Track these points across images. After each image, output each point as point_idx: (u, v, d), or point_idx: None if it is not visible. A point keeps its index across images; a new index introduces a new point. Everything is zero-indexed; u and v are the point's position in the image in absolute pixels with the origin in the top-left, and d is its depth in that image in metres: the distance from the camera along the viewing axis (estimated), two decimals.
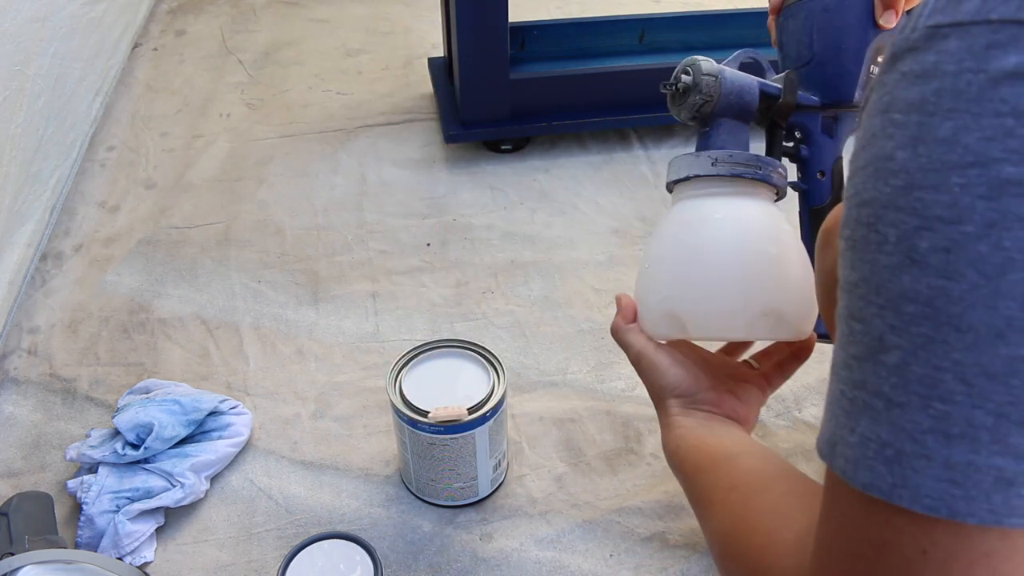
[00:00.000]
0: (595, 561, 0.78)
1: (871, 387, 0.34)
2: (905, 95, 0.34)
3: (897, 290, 0.33)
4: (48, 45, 1.15)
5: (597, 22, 1.42)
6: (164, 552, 0.79)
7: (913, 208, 0.33)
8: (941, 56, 0.33)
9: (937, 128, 0.32)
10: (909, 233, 0.33)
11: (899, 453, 0.33)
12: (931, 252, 0.32)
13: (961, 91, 0.32)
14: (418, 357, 0.81)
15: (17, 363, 0.98)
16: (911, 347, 0.33)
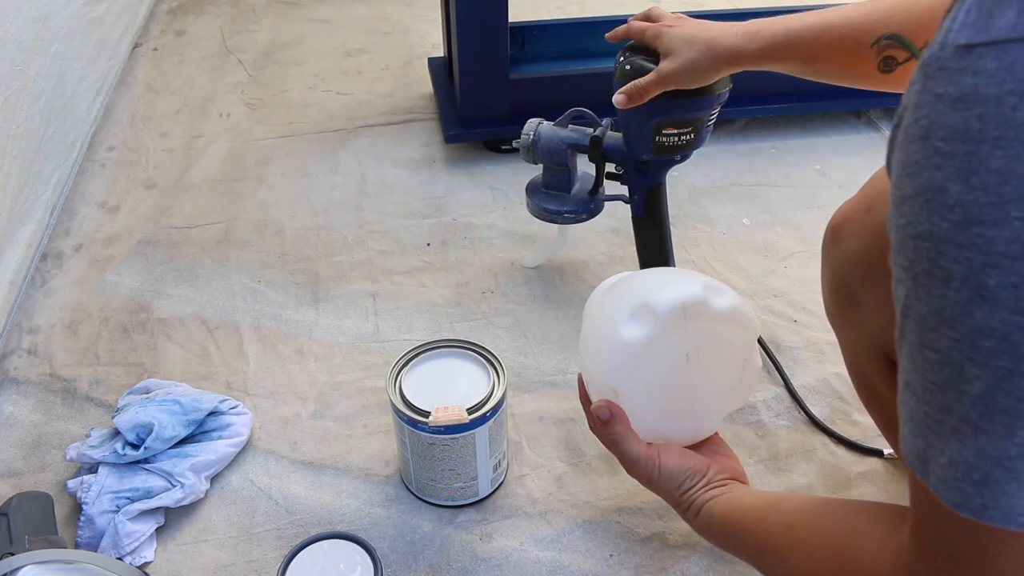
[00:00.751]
0: (595, 561, 0.78)
1: (957, 414, 0.35)
2: (946, 121, 0.33)
3: (972, 326, 0.33)
4: (49, 45, 1.15)
5: (597, 22, 1.42)
6: (164, 552, 0.79)
7: (975, 244, 0.32)
8: (979, 78, 0.32)
9: (988, 159, 0.32)
10: (975, 270, 0.33)
11: (987, 477, 0.34)
12: (1000, 288, 0.32)
13: (1007, 117, 0.31)
14: (418, 357, 0.81)
15: (17, 363, 0.98)
16: (993, 379, 0.33)
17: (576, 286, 1.08)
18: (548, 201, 1.01)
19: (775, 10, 1.45)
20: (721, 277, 1.09)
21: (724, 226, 1.18)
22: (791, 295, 1.07)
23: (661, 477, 0.68)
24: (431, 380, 0.79)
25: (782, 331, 1.01)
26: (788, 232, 1.16)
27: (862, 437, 0.89)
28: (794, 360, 0.97)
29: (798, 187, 1.24)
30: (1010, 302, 0.32)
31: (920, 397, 0.38)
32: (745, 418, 0.92)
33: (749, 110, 1.32)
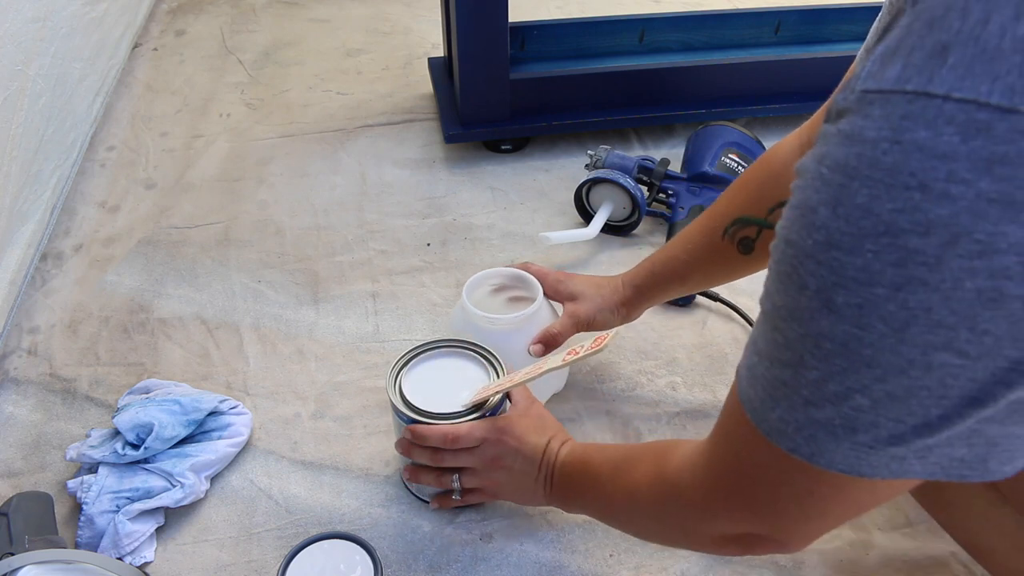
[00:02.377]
0: (595, 561, 0.78)
1: (791, 387, 0.43)
2: (835, 152, 0.38)
3: (816, 329, 0.40)
4: (49, 45, 1.15)
5: (597, 22, 1.42)
6: (164, 552, 0.79)
7: (831, 265, 0.38)
8: (867, 121, 0.36)
9: (855, 194, 0.36)
10: (827, 287, 0.38)
11: (814, 436, 0.43)
12: (846, 306, 0.38)
13: (878, 160, 0.35)
14: (418, 357, 0.81)
15: (17, 363, 0.98)
16: (828, 371, 0.40)
17: None
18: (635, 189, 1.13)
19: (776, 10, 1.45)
20: None
21: None
22: None
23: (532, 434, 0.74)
24: (431, 380, 0.79)
25: None
26: None
27: None
28: None
29: None
30: (852, 318, 0.38)
31: (763, 361, 0.45)
32: None
33: (749, 110, 1.32)
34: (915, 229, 0.35)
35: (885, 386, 0.39)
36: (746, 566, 0.78)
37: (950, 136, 0.33)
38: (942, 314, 0.35)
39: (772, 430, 0.45)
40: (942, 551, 0.79)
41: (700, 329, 1.02)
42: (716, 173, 1.14)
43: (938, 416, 0.39)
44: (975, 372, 0.37)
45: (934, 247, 0.34)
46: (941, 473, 0.42)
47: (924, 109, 0.34)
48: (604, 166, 1.16)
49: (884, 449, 0.41)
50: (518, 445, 0.73)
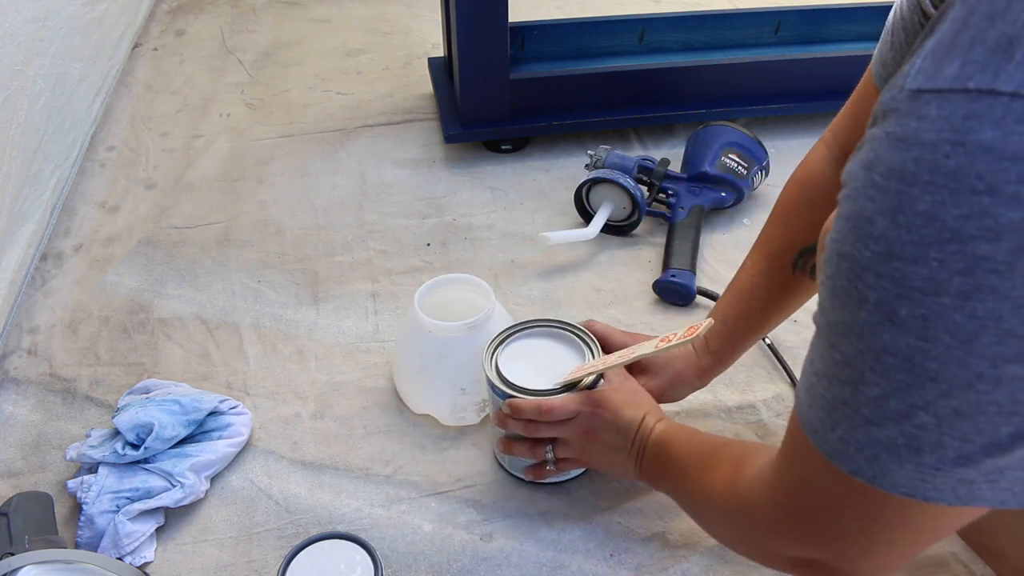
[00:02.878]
0: (595, 561, 0.78)
1: (851, 406, 0.41)
2: (887, 158, 0.36)
3: (878, 344, 0.38)
4: (48, 45, 1.15)
5: (597, 22, 1.42)
6: (164, 552, 0.79)
7: (892, 277, 0.36)
8: (922, 123, 0.34)
9: (916, 201, 0.34)
10: (889, 299, 0.37)
11: (876, 458, 0.41)
12: (910, 318, 0.36)
13: (939, 164, 0.34)
14: (514, 335, 0.82)
15: (17, 363, 0.98)
16: (890, 388, 0.38)
17: (576, 286, 1.08)
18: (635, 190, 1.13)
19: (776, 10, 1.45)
20: (721, 277, 1.09)
21: (724, 226, 1.18)
22: None
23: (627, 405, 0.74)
24: (526, 358, 0.80)
25: (782, 331, 1.01)
26: None
27: None
28: (794, 360, 0.97)
29: None
30: (917, 331, 0.36)
31: (819, 379, 0.44)
32: (745, 418, 0.92)
33: (749, 110, 1.32)
34: (984, 235, 0.33)
35: (951, 402, 0.37)
36: (746, 566, 0.78)
37: (1021, 135, 0.32)
38: (1013, 323, 0.34)
39: (833, 452, 0.43)
40: (942, 551, 0.79)
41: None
42: (716, 173, 1.15)
43: (1009, 435, 0.37)
44: None
45: (1005, 253, 0.33)
46: (1012, 500, 0.40)
47: (990, 108, 0.32)
48: (604, 166, 1.16)
49: (951, 471, 0.39)
50: (612, 418, 0.73)
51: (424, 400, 0.90)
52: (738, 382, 0.96)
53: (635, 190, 1.11)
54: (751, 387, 0.95)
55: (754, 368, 0.97)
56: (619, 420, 0.73)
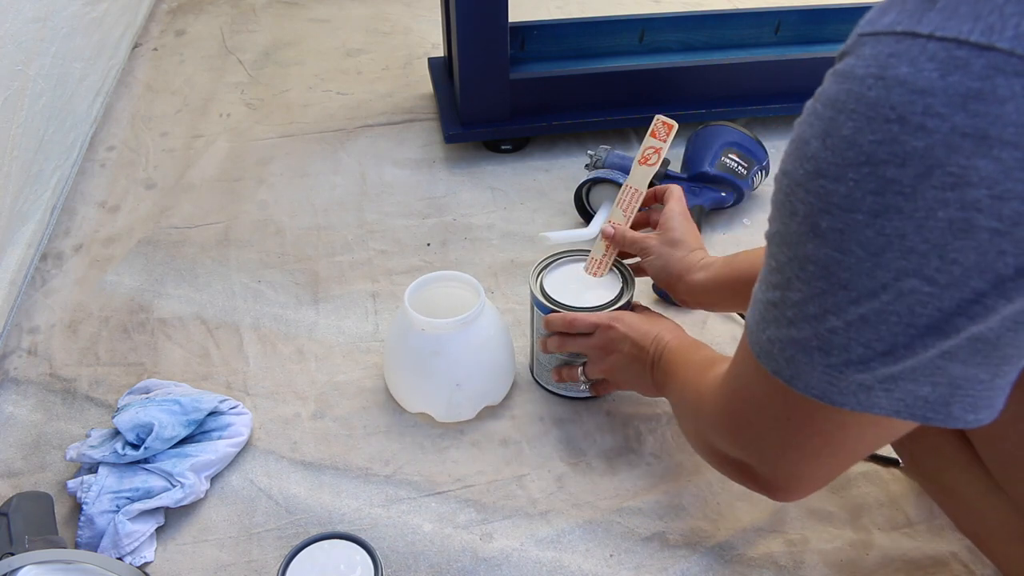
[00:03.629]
0: (595, 561, 0.78)
1: (779, 308, 0.45)
2: (828, 89, 0.40)
3: (803, 252, 0.42)
4: (49, 45, 1.15)
5: (597, 22, 1.42)
6: (164, 552, 0.79)
7: (818, 193, 0.40)
8: (857, 60, 0.39)
9: (841, 127, 0.38)
10: (814, 212, 0.41)
11: (794, 358, 0.45)
12: (829, 231, 0.40)
13: (863, 95, 0.38)
14: (557, 261, 0.91)
15: (17, 363, 0.98)
16: (809, 293, 0.43)
17: None
18: None
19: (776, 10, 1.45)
20: None
21: (724, 226, 1.18)
22: None
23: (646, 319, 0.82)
24: (568, 280, 0.89)
25: None
26: None
27: None
28: None
29: None
30: (834, 242, 0.40)
31: (760, 287, 0.48)
32: None
33: (749, 110, 1.32)
34: (893, 160, 0.37)
35: (858, 308, 0.41)
36: (746, 566, 0.78)
37: (930, 72, 0.35)
38: (915, 241, 0.37)
39: (762, 351, 0.48)
40: (942, 551, 0.79)
41: (700, 329, 1.02)
42: (716, 173, 1.15)
43: (904, 345, 0.41)
44: (942, 301, 0.38)
45: (910, 177, 0.36)
46: (906, 412, 0.43)
47: (909, 48, 0.36)
48: (604, 166, 1.16)
49: (853, 375, 0.43)
50: (627, 330, 0.80)
51: (419, 399, 0.90)
52: None
53: None
54: None
55: None
56: (633, 332, 0.80)
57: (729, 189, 1.16)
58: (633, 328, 0.81)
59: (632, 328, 0.81)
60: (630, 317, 0.82)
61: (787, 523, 0.82)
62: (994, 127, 0.34)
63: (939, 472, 0.70)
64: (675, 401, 0.74)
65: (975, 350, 0.40)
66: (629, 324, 0.81)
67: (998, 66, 0.34)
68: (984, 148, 0.35)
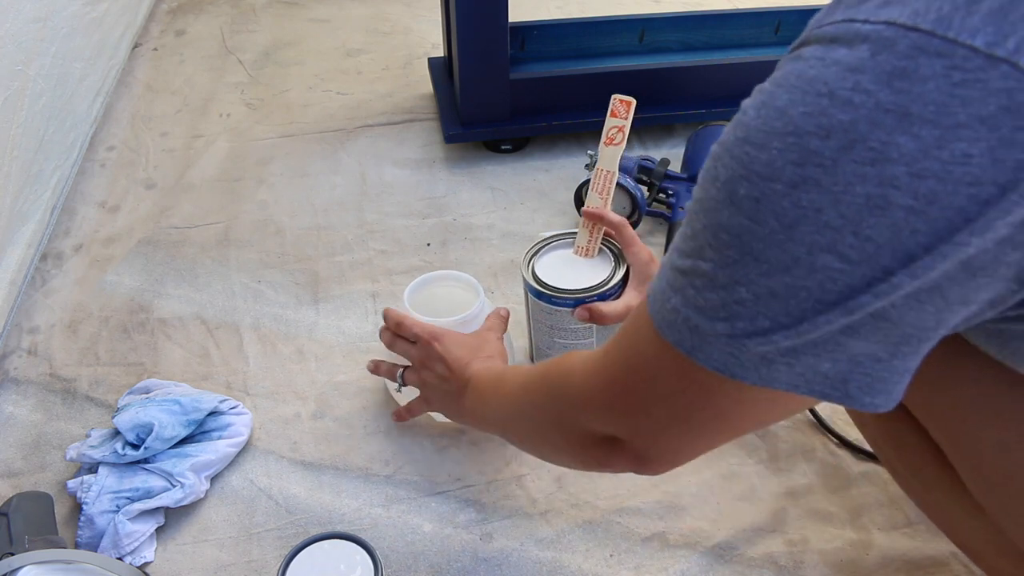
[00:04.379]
0: (595, 561, 0.78)
1: (688, 276, 0.44)
2: (777, 72, 0.41)
3: (717, 220, 0.42)
4: (49, 45, 1.15)
5: (597, 22, 1.42)
6: (164, 552, 0.79)
7: (740, 159, 0.40)
8: (806, 48, 0.40)
9: (777, 98, 0.39)
10: (734, 179, 0.40)
11: (698, 328, 0.44)
12: (746, 198, 0.40)
13: (803, 72, 0.39)
14: (549, 245, 0.90)
15: (17, 363, 0.98)
16: (720, 262, 0.42)
17: None
18: None
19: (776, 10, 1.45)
20: None
21: None
22: None
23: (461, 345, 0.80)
24: (560, 264, 0.89)
25: None
26: None
27: (863, 438, 0.89)
28: None
29: None
30: (749, 211, 0.40)
31: (671, 254, 0.47)
32: None
33: None
34: (817, 132, 0.37)
35: (769, 281, 0.40)
36: (746, 566, 0.78)
37: (863, 51, 0.36)
38: (830, 216, 0.38)
39: (663, 321, 0.46)
40: (942, 551, 0.79)
41: None
42: None
43: (808, 319, 0.40)
44: (852, 278, 0.38)
45: (832, 150, 0.37)
46: (805, 387, 0.43)
47: (847, 31, 0.38)
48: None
49: (755, 347, 0.42)
50: (443, 352, 0.79)
51: None
52: None
53: (635, 190, 1.11)
54: None
55: None
56: (450, 355, 0.78)
57: None
58: (450, 352, 0.79)
59: (449, 351, 0.79)
60: (451, 338, 0.80)
61: (787, 523, 0.82)
62: (915, 104, 0.35)
63: (925, 492, 0.70)
64: (506, 413, 0.69)
65: (876, 328, 0.40)
66: (448, 347, 0.79)
67: (921, 46, 0.35)
68: (905, 124, 0.35)
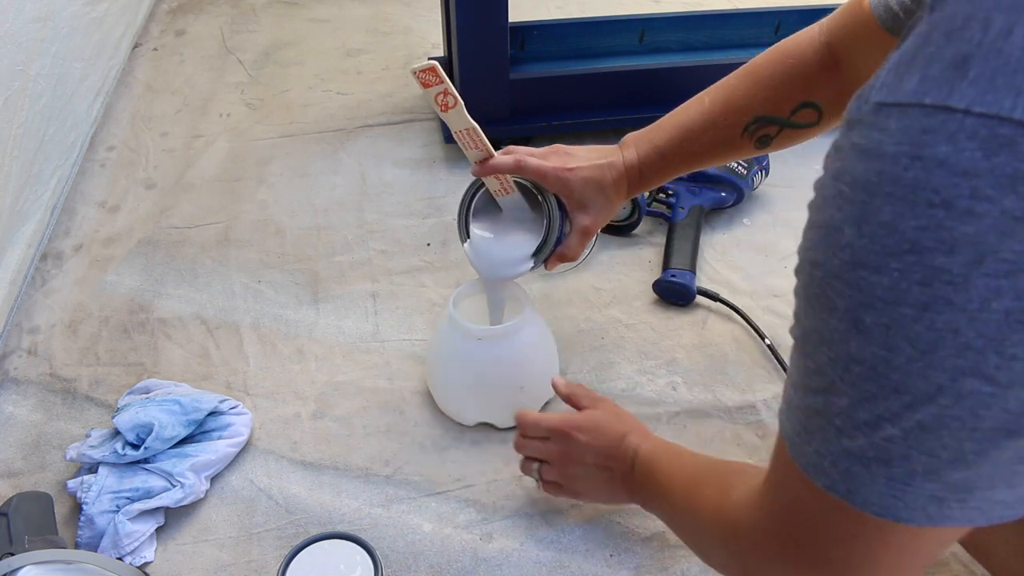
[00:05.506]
0: (595, 561, 0.78)
1: (824, 416, 0.41)
2: (853, 169, 0.37)
3: (846, 352, 0.38)
4: (49, 45, 1.15)
5: (597, 22, 1.42)
6: (164, 552, 0.79)
7: (858, 285, 0.37)
8: (883, 135, 0.35)
9: (879, 212, 0.35)
10: (855, 307, 0.37)
11: (849, 471, 0.41)
12: (874, 326, 0.37)
13: (899, 176, 0.34)
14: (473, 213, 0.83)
15: (17, 363, 0.98)
16: (858, 398, 0.39)
17: (576, 286, 1.08)
18: None
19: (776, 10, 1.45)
20: (721, 277, 1.09)
21: (724, 226, 1.18)
22: (791, 295, 1.06)
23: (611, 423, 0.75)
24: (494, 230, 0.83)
25: (782, 331, 1.01)
26: (788, 232, 1.16)
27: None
28: None
29: (798, 187, 1.24)
30: (880, 339, 0.37)
31: (797, 392, 0.43)
32: (745, 418, 0.92)
33: None
34: (940, 247, 0.34)
35: (915, 414, 0.37)
36: None
37: (972, 152, 0.32)
38: (969, 336, 0.34)
39: (809, 465, 0.43)
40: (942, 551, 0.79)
41: (700, 329, 1.02)
42: (716, 173, 1.14)
43: (973, 451, 0.37)
44: (1007, 401, 0.35)
45: (960, 266, 0.33)
46: (982, 519, 0.39)
47: (944, 123, 0.33)
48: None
49: (920, 487, 0.38)
50: (589, 440, 0.73)
51: (481, 408, 0.90)
52: (738, 382, 0.96)
53: None
54: (751, 387, 0.95)
55: (754, 368, 0.97)
56: (598, 441, 0.73)
57: (729, 189, 1.16)
58: (597, 437, 0.74)
59: (596, 437, 0.74)
60: (591, 422, 0.75)
61: None
62: None
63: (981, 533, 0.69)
64: (678, 526, 0.67)
65: None
66: (592, 432, 0.74)
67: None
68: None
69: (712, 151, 0.80)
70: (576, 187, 0.79)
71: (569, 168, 0.78)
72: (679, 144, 0.80)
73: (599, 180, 0.80)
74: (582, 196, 0.79)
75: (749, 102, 0.77)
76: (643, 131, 0.83)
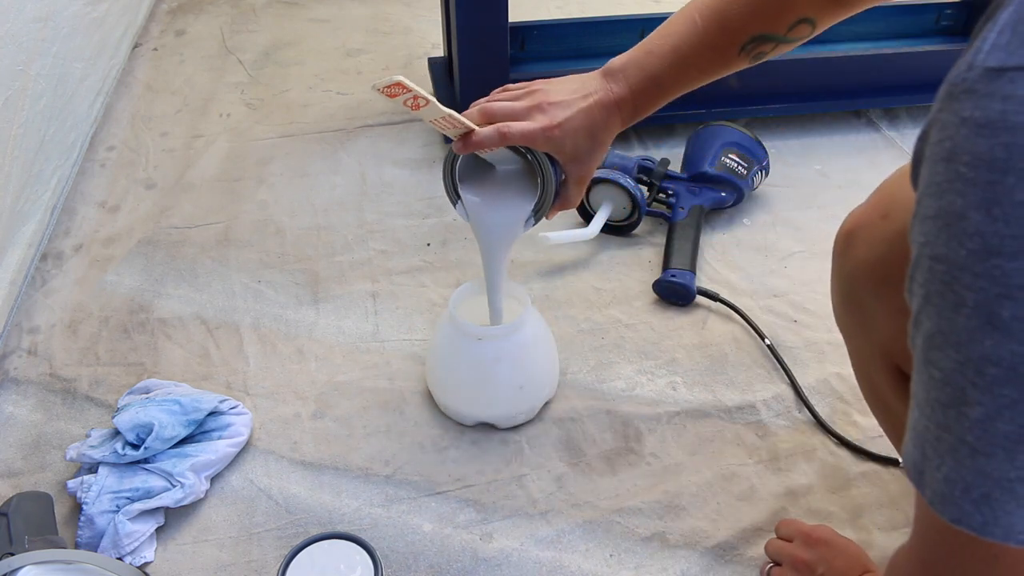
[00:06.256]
0: (595, 561, 0.78)
1: (956, 433, 0.35)
2: (970, 146, 0.32)
3: (979, 352, 0.33)
4: (50, 45, 1.15)
5: (597, 22, 1.42)
6: (164, 552, 0.79)
7: (992, 275, 0.32)
8: (1008, 104, 0.30)
9: (1012, 190, 0.31)
10: (989, 300, 0.32)
11: (987, 496, 0.34)
12: (1013, 320, 0.32)
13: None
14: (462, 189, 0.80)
15: (17, 363, 0.98)
16: (995, 406, 0.33)
17: (576, 286, 1.08)
18: None
19: None
20: (721, 277, 1.09)
21: (724, 226, 1.18)
22: (791, 295, 1.07)
23: None
24: (483, 180, 0.81)
25: (782, 331, 1.01)
26: (788, 232, 1.16)
27: (863, 438, 0.89)
28: (794, 360, 0.97)
29: (798, 187, 1.24)
30: (1021, 335, 0.32)
31: (921, 410, 0.38)
32: (745, 418, 0.92)
33: (749, 110, 1.32)
34: None
35: None
36: (746, 566, 0.78)
37: None
38: None
39: (935, 495, 0.37)
40: None
41: (700, 329, 1.02)
42: (716, 173, 1.15)
43: None
44: None
45: None
46: None
47: None
48: (604, 166, 1.16)
49: None
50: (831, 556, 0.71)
51: (481, 408, 0.90)
52: (738, 382, 0.96)
53: (635, 190, 1.11)
54: (751, 387, 0.95)
55: (754, 368, 0.97)
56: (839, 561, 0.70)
57: (729, 189, 1.16)
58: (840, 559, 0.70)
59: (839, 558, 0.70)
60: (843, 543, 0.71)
61: None
62: None
63: None
64: None
65: None
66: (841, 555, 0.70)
67: None
68: None
69: (708, 72, 0.77)
70: (568, 144, 0.74)
71: (557, 124, 0.73)
72: (674, 70, 0.76)
73: (589, 127, 0.75)
74: (575, 149, 0.75)
75: (746, 21, 0.73)
76: (630, 56, 0.77)
